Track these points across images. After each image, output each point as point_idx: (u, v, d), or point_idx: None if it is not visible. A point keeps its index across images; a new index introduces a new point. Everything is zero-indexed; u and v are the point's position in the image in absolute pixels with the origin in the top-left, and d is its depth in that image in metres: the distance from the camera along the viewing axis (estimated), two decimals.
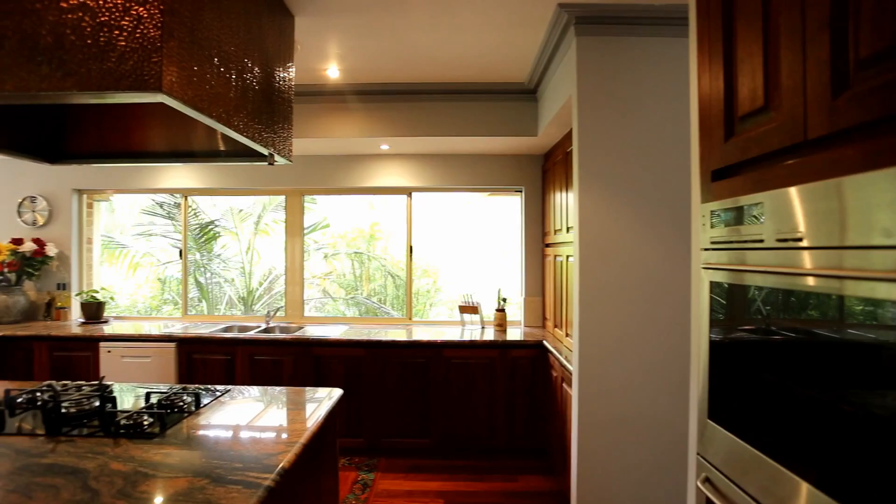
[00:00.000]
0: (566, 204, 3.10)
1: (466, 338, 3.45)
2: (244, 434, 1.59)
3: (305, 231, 4.32)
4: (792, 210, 0.92)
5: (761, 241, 1.01)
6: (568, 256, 3.10)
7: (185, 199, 4.45)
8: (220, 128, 1.68)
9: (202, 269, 5.70)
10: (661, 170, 2.31)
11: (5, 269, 3.89)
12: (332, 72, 3.20)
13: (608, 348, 2.32)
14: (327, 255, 5.90)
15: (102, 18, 1.30)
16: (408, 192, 4.18)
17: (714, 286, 1.22)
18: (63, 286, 4.21)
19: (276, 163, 2.20)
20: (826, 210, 0.83)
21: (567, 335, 3.10)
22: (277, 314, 4.14)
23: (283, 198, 4.33)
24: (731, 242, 1.14)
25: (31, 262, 4.01)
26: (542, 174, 4.02)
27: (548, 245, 3.81)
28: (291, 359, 3.41)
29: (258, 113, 1.95)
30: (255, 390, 2.06)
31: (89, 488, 1.19)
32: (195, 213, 5.51)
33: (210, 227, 5.71)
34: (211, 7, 1.59)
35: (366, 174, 4.11)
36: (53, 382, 1.97)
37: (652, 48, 2.32)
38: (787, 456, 0.93)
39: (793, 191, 0.92)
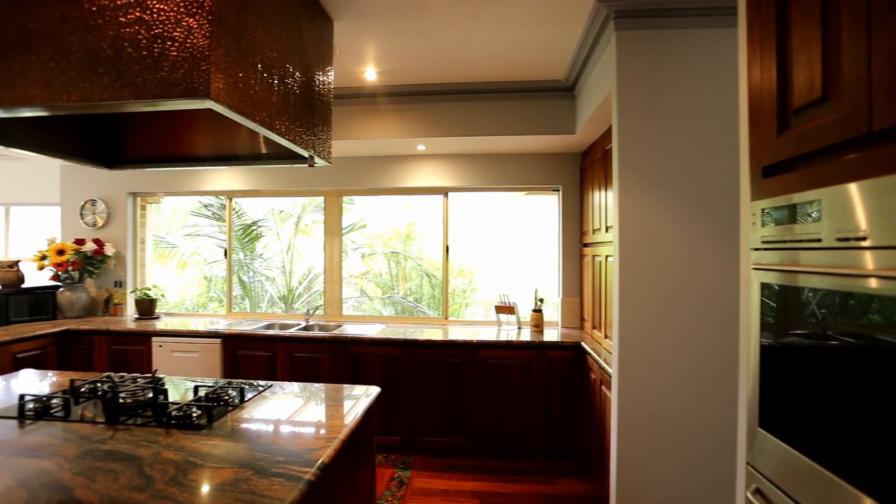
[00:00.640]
0: (605, 203, 3.03)
1: (502, 338, 3.43)
2: (285, 428, 1.64)
3: (343, 231, 4.40)
4: (853, 207, 0.86)
5: (818, 240, 0.96)
6: (607, 256, 3.03)
7: (230, 201, 4.63)
8: (263, 131, 1.74)
9: (245, 268, 5.92)
10: (706, 166, 2.22)
11: (70, 268, 4.16)
12: (370, 74, 3.25)
13: (649, 351, 2.25)
14: (364, 255, 6.00)
15: (156, 31, 1.37)
16: (444, 192, 4.20)
17: (764, 288, 1.16)
18: (119, 284, 4.46)
19: (315, 164, 2.26)
20: (892, 207, 0.77)
21: (606, 337, 3.03)
22: (317, 312, 4.25)
23: (321, 199, 4.44)
24: (784, 242, 1.08)
25: (91, 261, 4.27)
26: (580, 172, 3.95)
27: (586, 245, 3.73)
28: (330, 356, 3.49)
29: (299, 116, 2.00)
30: (295, 386, 2.12)
31: (144, 475, 1.26)
32: (239, 214, 5.73)
33: (253, 227, 5.92)
34: (255, 15, 1.65)
35: (402, 174, 4.15)
36: (112, 374, 2.09)
37: (695, 40, 2.24)
38: (846, 468, 0.88)
39: (854, 187, 0.86)
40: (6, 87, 1.43)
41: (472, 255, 5.92)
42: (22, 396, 1.77)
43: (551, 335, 3.56)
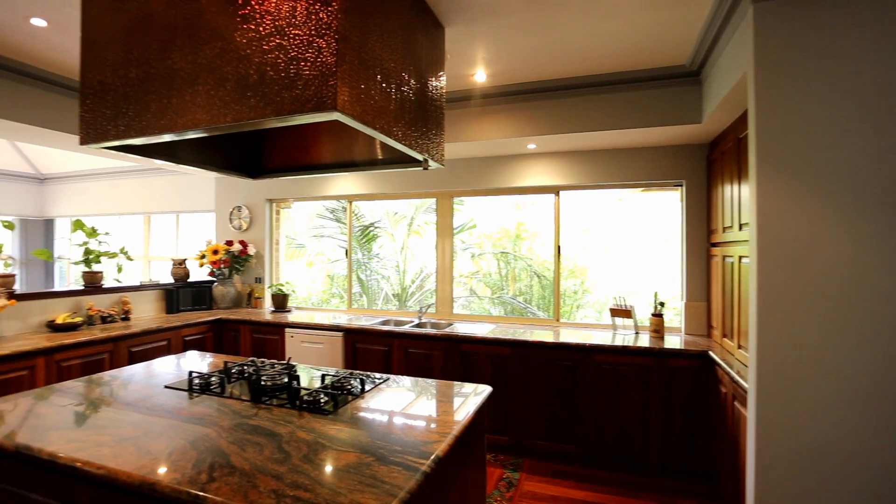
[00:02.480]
0: (738, 197, 2.72)
1: (618, 342, 3.24)
2: (402, 420, 1.72)
3: (454, 231, 4.51)
4: None
5: None
6: (741, 257, 2.71)
7: (350, 204, 5.01)
8: (382, 138, 1.85)
9: (363, 267, 6.35)
10: (866, 153, 1.88)
11: (222, 266, 4.83)
12: (480, 76, 3.29)
13: (795, 365, 1.96)
14: (474, 255, 6.08)
15: (293, 54, 1.53)
16: (555, 190, 4.10)
17: None
18: (259, 280, 5.07)
19: (429, 167, 2.35)
20: None
21: (739, 347, 2.71)
22: (429, 310, 4.41)
23: (433, 200, 4.59)
24: None
25: (238, 260, 4.92)
26: (706, 165, 3.59)
27: (714, 244, 3.38)
28: (442, 353, 3.60)
29: (414, 122, 2.09)
30: (409, 381, 2.22)
31: (283, 450, 1.42)
32: (357, 217, 6.17)
33: (370, 228, 6.33)
34: (375, 30, 1.76)
35: (513, 174, 4.14)
36: (255, 359, 2.38)
37: (852, 7, 1.90)
38: None
39: None
40: (180, 114, 1.70)
41: (585, 255, 5.70)
42: (190, 373, 2.09)
43: (673, 342, 3.28)
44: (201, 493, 1.17)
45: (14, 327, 3.35)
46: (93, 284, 3.94)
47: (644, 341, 3.30)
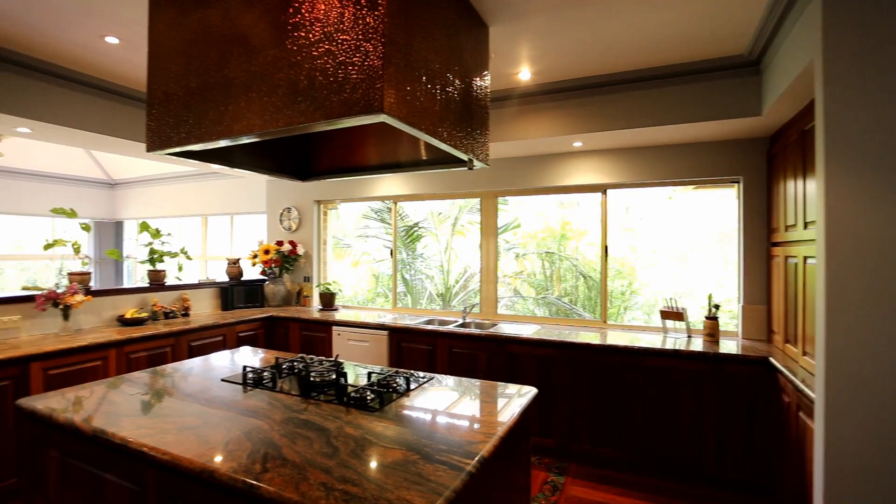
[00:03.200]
0: (803, 194, 2.55)
1: (669, 346, 3.12)
2: (446, 419, 1.73)
3: (498, 231, 4.48)
4: None
5: None
6: (806, 258, 2.54)
7: (395, 205, 5.08)
8: (428, 138, 1.86)
9: (408, 267, 6.43)
10: None
11: (272, 265, 5.02)
12: (524, 74, 3.25)
13: (868, 375, 1.81)
14: (518, 255, 6.02)
15: (341, 58, 1.57)
16: (602, 189, 3.99)
17: None
18: (307, 279, 5.24)
19: (474, 167, 2.35)
20: None
21: (804, 354, 2.54)
22: (473, 310, 4.40)
23: (477, 200, 4.58)
24: None
25: (287, 259, 5.10)
26: (766, 160, 3.39)
27: (775, 244, 3.19)
28: (486, 353, 3.59)
29: (459, 122, 2.10)
30: (452, 380, 2.23)
31: (331, 444, 1.45)
32: (402, 217, 6.25)
33: (414, 228, 6.40)
34: (419, 31, 1.77)
35: (558, 173, 4.06)
36: (304, 355, 2.46)
37: None
38: None
39: None
40: (235, 121, 1.79)
41: (633, 255, 5.52)
42: (244, 368, 2.19)
43: (729, 346, 3.12)
44: (256, 483, 1.22)
45: (90, 321, 3.62)
46: (157, 282, 4.20)
47: (697, 345, 3.15)
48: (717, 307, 3.36)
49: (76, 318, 3.52)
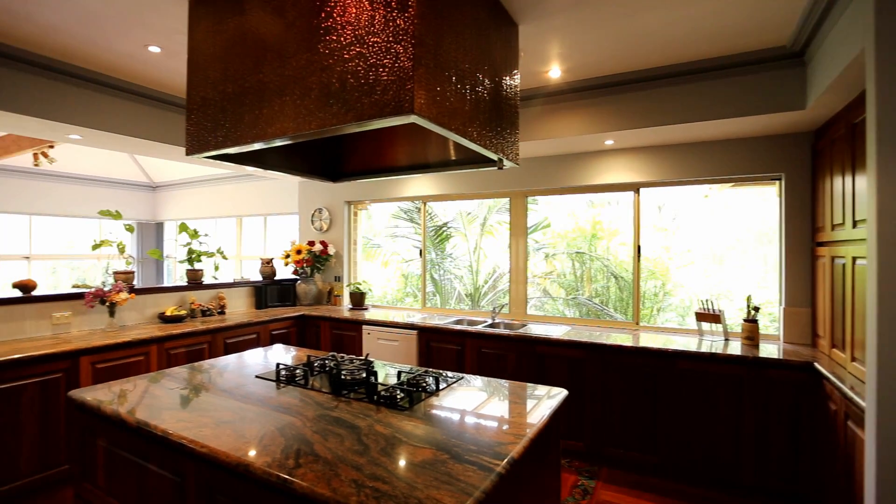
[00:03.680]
0: (852, 191, 2.42)
1: (705, 349, 3.02)
2: (475, 420, 1.72)
3: (528, 231, 4.44)
4: None
5: None
6: (855, 258, 2.42)
7: (424, 205, 5.11)
8: (458, 138, 1.86)
9: (436, 267, 6.45)
10: None
11: (304, 265, 5.13)
12: (554, 72, 3.21)
13: None
14: (548, 255, 5.96)
15: (372, 61, 1.59)
16: (635, 187, 3.90)
17: None
18: (338, 278, 5.32)
19: (504, 167, 2.33)
20: None
21: (853, 360, 2.42)
22: (502, 311, 4.38)
23: (506, 200, 4.56)
24: None
25: (319, 259, 5.20)
26: (811, 156, 3.24)
27: (821, 244, 3.04)
28: (515, 354, 3.56)
29: (489, 121, 2.09)
30: (481, 381, 2.22)
31: (362, 442, 1.47)
32: (431, 217, 6.28)
33: (443, 229, 6.42)
34: (449, 32, 1.77)
35: (589, 171, 4.00)
36: (335, 354, 2.50)
37: None
38: None
39: None
40: (269, 124, 1.83)
41: (667, 255, 5.37)
42: (278, 365, 2.24)
43: (770, 350, 2.99)
44: (289, 478, 1.25)
45: (133, 317, 3.79)
46: (195, 281, 4.36)
47: (735, 349, 3.04)
48: (756, 309, 3.23)
49: (121, 314, 3.68)
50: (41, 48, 2.94)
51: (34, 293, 3.31)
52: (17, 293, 3.25)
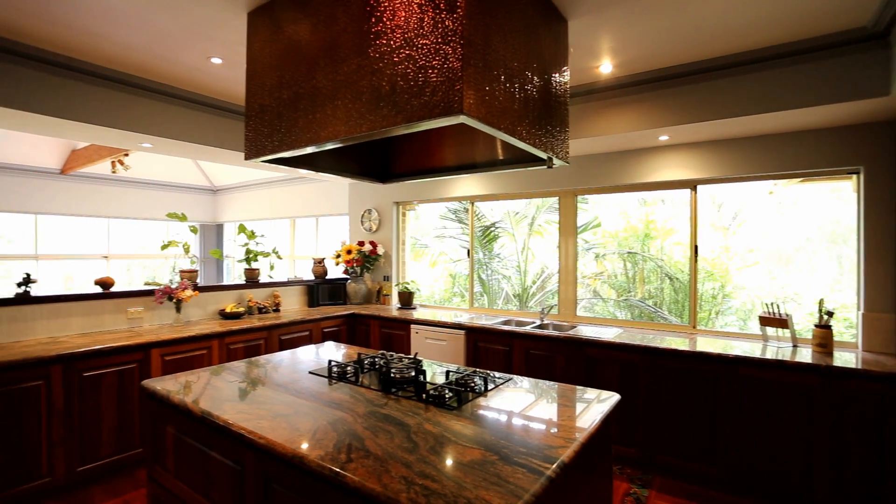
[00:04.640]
0: None
1: (769, 355, 2.83)
2: (524, 422, 1.70)
3: (577, 231, 4.35)
4: None
5: None
6: None
7: (472, 205, 5.10)
8: (507, 138, 1.85)
9: (484, 267, 6.43)
10: None
11: (354, 264, 5.26)
12: (605, 67, 3.12)
13: None
14: (598, 256, 5.79)
15: (421, 62, 1.60)
16: (692, 184, 3.72)
17: None
18: (387, 278, 5.42)
19: (554, 166, 2.29)
20: None
21: None
22: (551, 312, 4.31)
23: (554, 199, 4.48)
24: None
25: (368, 259, 5.31)
26: (895, 147, 2.97)
27: None
28: (564, 356, 3.49)
29: (538, 120, 2.06)
30: (529, 382, 2.19)
31: (411, 440, 1.49)
32: (479, 217, 6.26)
33: (491, 229, 6.39)
34: (498, 31, 1.76)
35: (642, 169, 3.86)
36: (385, 352, 2.55)
37: None
38: None
39: None
40: (322, 128, 1.89)
41: (726, 255, 5.09)
42: (330, 362, 2.31)
43: (846, 359, 2.77)
44: (341, 472, 1.28)
45: (197, 314, 4.03)
46: (252, 280, 4.57)
47: (805, 356, 2.83)
48: (829, 314, 3.00)
49: (186, 310, 3.92)
50: (119, 65, 3.19)
51: (112, 289, 3.59)
52: (99, 289, 3.54)
